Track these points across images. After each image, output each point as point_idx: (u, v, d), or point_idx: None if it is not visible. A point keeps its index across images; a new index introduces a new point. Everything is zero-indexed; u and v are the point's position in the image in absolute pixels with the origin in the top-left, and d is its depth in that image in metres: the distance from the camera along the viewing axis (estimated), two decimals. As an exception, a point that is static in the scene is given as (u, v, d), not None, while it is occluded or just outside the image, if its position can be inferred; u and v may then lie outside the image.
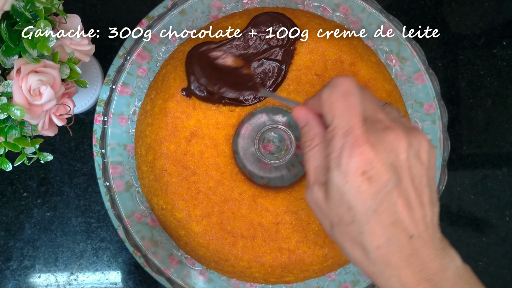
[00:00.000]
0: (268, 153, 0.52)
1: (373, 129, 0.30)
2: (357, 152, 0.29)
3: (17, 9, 0.34)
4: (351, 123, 0.30)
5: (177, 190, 0.44)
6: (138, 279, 0.54)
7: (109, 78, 0.53)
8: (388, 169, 0.29)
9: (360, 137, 0.29)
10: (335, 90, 0.31)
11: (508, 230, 0.56)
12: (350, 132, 0.29)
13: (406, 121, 0.33)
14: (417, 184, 0.30)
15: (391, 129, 0.30)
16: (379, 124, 0.30)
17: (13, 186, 0.54)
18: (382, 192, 0.29)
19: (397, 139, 0.30)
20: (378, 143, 0.29)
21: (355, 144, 0.29)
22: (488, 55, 0.57)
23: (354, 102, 0.30)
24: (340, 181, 0.29)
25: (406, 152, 0.30)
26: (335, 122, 0.30)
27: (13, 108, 0.34)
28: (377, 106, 0.32)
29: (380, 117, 0.31)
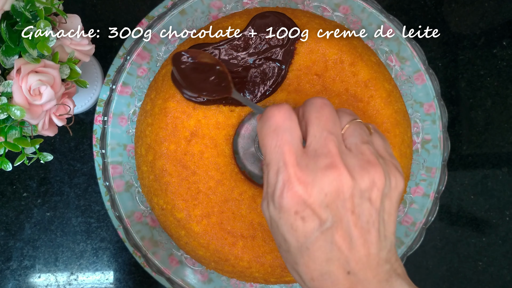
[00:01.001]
0: (268, 153, 0.52)
1: (312, 166, 0.28)
2: (289, 194, 0.27)
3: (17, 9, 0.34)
4: (282, 161, 0.28)
5: (177, 190, 0.44)
6: (138, 279, 0.54)
7: (109, 78, 0.53)
8: (323, 210, 0.27)
9: (291, 177, 0.27)
10: (265, 125, 0.29)
11: (508, 230, 0.56)
12: (282, 170, 0.28)
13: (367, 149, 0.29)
14: (363, 223, 0.28)
15: (334, 167, 0.27)
16: (323, 159, 0.28)
17: (13, 186, 0.54)
18: (316, 231, 0.28)
19: (338, 179, 0.27)
20: (313, 185, 0.27)
21: (287, 184, 0.27)
22: (488, 55, 0.57)
23: (285, 138, 0.28)
24: (275, 215, 0.29)
25: (349, 192, 0.27)
26: (268, 158, 0.29)
27: (13, 108, 0.34)
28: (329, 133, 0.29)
29: (328, 148, 0.28)
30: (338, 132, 0.30)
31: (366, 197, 0.28)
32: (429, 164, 0.48)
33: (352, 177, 0.28)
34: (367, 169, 0.28)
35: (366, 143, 0.30)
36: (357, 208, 0.28)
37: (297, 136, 0.29)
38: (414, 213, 0.48)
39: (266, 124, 0.29)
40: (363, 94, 0.45)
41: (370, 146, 0.29)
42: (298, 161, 0.28)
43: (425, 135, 0.49)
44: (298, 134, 0.29)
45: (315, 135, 0.29)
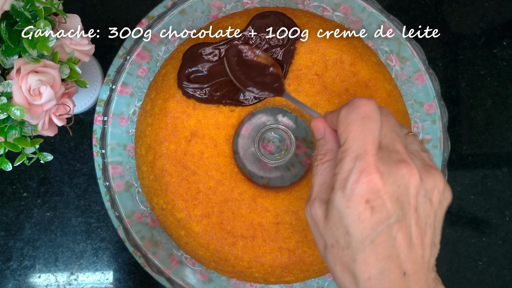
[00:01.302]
0: (268, 153, 0.52)
1: (387, 159, 0.29)
2: (365, 180, 0.28)
3: (17, 9, 0.34)
4: (364, 148, 0.29)
5: (177, 190, 0.44)
6: (138, 279, 0.54)
7: (109, 78, 0.53)
8: (393, 203, 0.28)
9: (370, 165, 0.28)
10: (354, 111, 0.30)
11: (508, 230, 0.56)
12: (362, 157, 0.28)
13: (426, 156, 0.32)
14: (422, 223, 0.29)
15: (406, 163, 0.29)
16: (395, 155, 0.29)
17: (13, 186, 0.54)
18: (383, 224, 0.28)
19: (409, 174, 0.29)
20: (389, 175, 0.28)
21: (364, 171, 0.28)
22: (488, 55, 0.57)
23: (371, 128, 0.29)
24: (342, 204, 0.29)
25: (416, 189, 0.29)
26: (348, 143, 0.29)
27: (13, 108, 0.34)
28: (397, 135, 0.31)
29: (397, 147, 0.30)
30: (402, 136, 0.32)
31: (428, 198, 0.30)
32: (429, 164, 0.48)
33: (419, 177, 0.29)
34: (431, 172, 0.30)
35: (424, 151, 0.32)
36: (419, 207, 0.29)
37: (379, 129, 0.30)
38: (414, 213, 0.48)
39: (355, 111, 0.30)
40: (363, 94, 0.45)
41: (429, 155, 0.32)
42: (376, 151, 0.29)
43: (425, 135, 0.49)
44: (380, 128, 0.30)
45: (385, 134, 0.30)
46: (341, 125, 0.30)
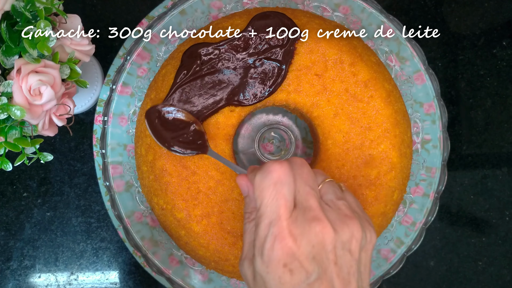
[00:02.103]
0: (268, 153, 0.52)
1: (301, 219, 0.30)
2: (279, 246, 0.29)
3: (17, 9, 0.34)
4: (277, 214, 0.29)
5: (177, 190, 0.44)
6: (138, 279, 0.55)
7: (109, 78, 0.53)
8: (310, 262, 0.29)
9: (283, 230, 0.29)
10: (267, 177, 0.31)
11: (508, 230, 0.56)
12: (275, 223, 0.29)
13: (342, 204, 0.32)
14: (345, 274, 0.30)
15: (318, 220, 0.29)
16: (308, 213, 0.30)
17: (13, 186, 0.54)
18: (303, 283, 0.29)
19: (323, 231, 0.29)
20: (302, 236, 0.29)
21: (278, 237, 0.29)
22: (488, 55, 0.57)
23: (284, 192, 0.30)
24: (262, 270, 0.29)
25: (332, 244, 0.29)
26: (262, 209, 0.30)
27: (13, 108, 0.34)
28: (311, 189, 0.31)
29: (311, 203, 0.30)
30: (316, 188, 0.32)
31: (347, 249, 0.30)
32: (429, 164, 0.48)
33: (334, 230, 0.29)
34: (346, 223, 0.30)
35: (341, 199, 0.32)
36: (339, 259, 0.30)
37: (293, 191, 0.31)
38: (414, 213, 0.48)
39: (267, 177, 0.31)
40: (363, 94, 0.45)
41: (345, 202, 0.32)
42: (290, 214, 0.30)
43: (425, 135, 0.49)
44: (293, 190, 0.31)
45: (298, 190, 0.31)
46: (256, 190, 0.31)
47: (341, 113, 0.45)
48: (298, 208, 0.30)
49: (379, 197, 0.45)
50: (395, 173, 0.45)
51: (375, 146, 0.45)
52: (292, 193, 0.30)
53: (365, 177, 0.45)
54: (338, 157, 0.45)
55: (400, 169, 0.46)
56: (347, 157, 0.45)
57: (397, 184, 0.46)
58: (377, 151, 0.45)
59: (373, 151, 0.45)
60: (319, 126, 0.46)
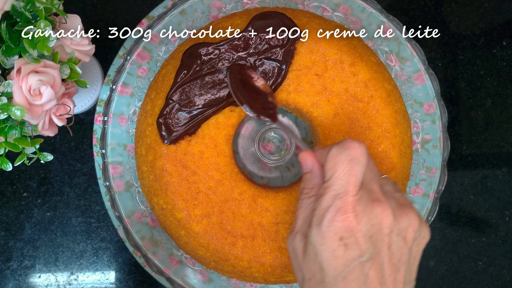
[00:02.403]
0: (268, 153, 0.52)
1: (365, 198, 0.31)
2: (340, 218, 0.29)
3: (17, 9, 0.34)
4: (345, 189, 0.30)
5: (177, 190, 0.44)
6: (138, 279, 0.55)
7: (109, 78, 0.53)
8: (366, 241, 0.29)
9: (348, 204, 0.30)
10: (344, 152, 0.31)
11: (508, 230, 0.56)
12: (341, 197, 0.30)
13: (400, 196, 0.33)
14: (395, 261, 0.30)
15: (379, 202, 0.30)
16: (371, 194, 0.31)
17: (13, 186, 0.54)
18: (355, 261, 0.29)
19: (383, 213, 0.30)
20: (363, 214, 0.30)
21: (341, 210, 0.30)
22: (488, 55, 0.57)
23: (357, 171, 0.31)
24: (317, 241, 0.30)
25: (389, 228, 0.30)
26: (332, 181, 0.31)
27: (13, 108, 0.34)
28: (374, 176, 0.33)
29: (373, 187, 0.32)
30: (378, 178, 0.33)
31: (402, 236, 0.31)
32: (429, 164, 0.48)
33: (393, 215, 0.30)
34: (405, 211, 0.31)
35: (399, 191, 0.34)
36: (393, 244, 0.30)
37: (364, 172, 0.31)
38: (414, 213, 0.48)
39: (345, 151, 0.31)
40: (363, 94, 0.45)
41: (403, 195, 0.33)
42: (356, 192, 0.30)
43: (425, 135, 0.49)
44: (365, 171, 0.32)
45: (366, 174, 0.32)
46: (329, 162, 0.32)
47: (341, 113, 0.45)
48: (363, 188, 0.31)
49: (379, 197, 0.45)
50: (395, 173, 0.45)
51: (375, 146, 0.45)
52: (363, 174, 0.31)
53: (365, 177, 0.45)
54: (338, 157, 0.45)
55: (400, 169, 0.46)
56: (347, 157, 0.45)
57: (397, 184, 0.46)
58: (377, 151, 0.45)
59: (373, 151, 0.45)
60: (319, 126, 0.46)
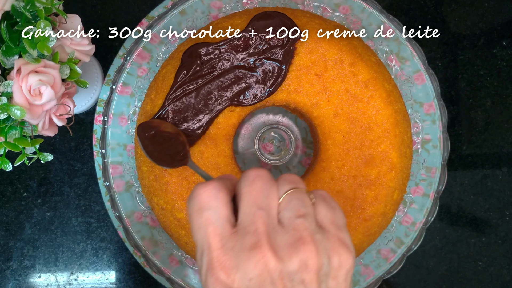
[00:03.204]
0: (268, 153, 0.52)
1: (238, 247, 0.25)
2: (211, 280, 0.25)
3: (17, 9, 0.34)
4: (206, 243, 0.26)
5: (177, 190, 0.44)
6: (138, 279, 0.55)
7: (109, 78, 0.53)
8: None
9: (214, 261, 0.25)
10: (191, 202, 0.27)
11: (508, 230, 0.56)
12: (206, 254, 0.26)
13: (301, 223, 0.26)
14: None
15: (258, 249, 0.25)
16: (249, 238, 0.25)
17: (13, 186, 0.54)
18: None
19: (262, 261, 0.24)
20: (236, 269, 0.25)
21: (209, 269, 0.25)
22: (488, 55, 0.57)
23: (209, 219, 0.26)
24: None
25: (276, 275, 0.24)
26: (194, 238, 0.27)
27: (13, 108, 0.34)
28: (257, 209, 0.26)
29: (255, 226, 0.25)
30: (269, 207, 0.27)
31: (298, 281, 0.25)
32: (429, 164, 0.48)
33: (278, 259, 0.25)
34: (297, 248, 0.25)
35: (301, 216, 0.26)
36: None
37: (224, 215, 0.26)
38: (414, 213, 0.48)
39: (191, 202, 0.27)
40: (363, 94, 0.45)
41: (305, 220, 0.26)
42: (224, 242, 0.26)
43: (425, 135, 0.49)
44: (225, 214, 0.26)
45: (244, 211, 0.26)
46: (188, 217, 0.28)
47: (341, 113, 0.45)
48: (239, 233, 0.26)
49: (379, 197, 0.45)
50: (395, 173, 0.45)
51: (375, 146, 0.45)
52: (223, 217, 0.26)
53: (365, 177, 0.45)
54: (338, 157, 0.45)
55: (400, 169, 0.46)
56: (347, 157, 0.45)
57: (397, 184, 0.46)
58: (377, 151, 0.45)
59: (373, 151, 0.45)
60: (319, 126, 0.46)
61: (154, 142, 0.42)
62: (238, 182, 0.28)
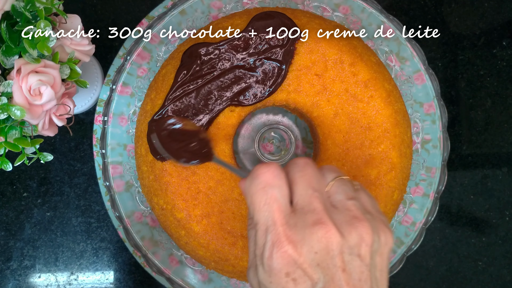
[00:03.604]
0: (268, 153, 0.52)
1: (300, 224, 0.27)
2: (278, 254, 0.27)
3: (17, 9, 0.34)
4: (272, 219, 0.27)
5: (177, 190, 0.44)
6: (138, 279, 0.55)
7: (109, 78, 0.53)
8: (314, 270, 0.27)
9: (281, 236, 0.27)
10: (254, 182, 0.29)
11: (508, 230, 0.56)
12: (271, 230, 0.27)
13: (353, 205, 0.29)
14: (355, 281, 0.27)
15: (321, 224, 0.27)
16: (310, 216, 0.28)
17: (13, 186, 0.54)
18: None
19: (327, 235, 0.27)
20: (303, 243, 0.27)
21: (276, 244, 0.27)
22: (488, 55, 0.57)
23: (275, 196, 0.28)
24: (265, 280, 0.28)
25: (338, 249, 0.27)
26: (256, 216, 0.28)
27: (13, 108, 0.34)
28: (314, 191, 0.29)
29: (314, 206, 0.28)
30: (322, 190, 0.29)
31: (356, 254, 0.28)
32: (429, 164, 0.48)
33: (340, 233, 0.27)
34: (354, 225, 0.28)
35: (352, 199, 0.29)
36: (348, 265, 0.27)
37: (286, 194, 0.29)
38: (414, 213, 0.48)
39: (254, 181, 0.29)
40: (363, 94, 0.45)
41: (356, 202, 0.29)
42: (287, 219, 0.28)
43: (425, 135, 0.49)
44: (287, 193, 0.29)
45: (300, 193, 0.29)
46: (246, 197, 0.29)
47: (341, 113, 0.45)
48: (298, 212, 0.28)
49: (379, 197, 0.45)
50: (395, 173, 0.45)
51: (375, 146, 0.45)
52: (285, 196, 0.28)
53: (365, 177, 0.45)
54: (338, 157, 0.45)
55: (400, 169, 0.46)
56: (347, 157, 0.45)
57: (397, 184, 0.46)
58: (377, 151, 0.45)
59: (373, 151, 0.45)
60: (319, 126, 0.46)
61: (172, 139, 0.42)
62: (289, 168, 0.30)
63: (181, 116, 0.43)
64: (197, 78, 0.44)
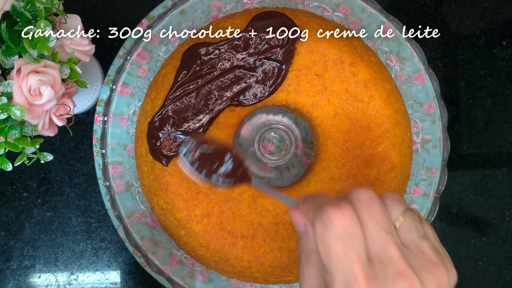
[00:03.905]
0: (268, 153, 0.52)
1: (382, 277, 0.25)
2: None
3: (17, 9, 0.34)
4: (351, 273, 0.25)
5: (177, 190, 0.44)
6: (138, 279, 0.55)
7: (109, 78, 0.53)
8: None
9: None
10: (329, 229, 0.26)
11: (508, 230, 0.56)
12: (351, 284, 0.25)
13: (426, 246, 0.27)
14: None
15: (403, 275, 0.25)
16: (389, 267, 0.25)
17: (13, 186, 0.54)
18: None
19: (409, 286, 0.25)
20: None
21: None
22: (488, 55, 0.57)
23: (355, 246, 0.26)
24: None
25: None
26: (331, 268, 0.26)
27: (13, 108, 0.34)
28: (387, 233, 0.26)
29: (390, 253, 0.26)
30: (393, 230, 0.27)
31: None
32: (429, 164, 0.48)
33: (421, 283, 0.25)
34: (432, 272, 0.26)
35: (424, 238, 0.27)
36: None
37: (363, 243, 0.26)
38: (414, 213, 0.48)
39: (329, 229, 0.26)
40: (363, 94, 0.45)
41: (429, 243, 0.27)
42: (367, 272, 0.25)
43: (425, 135, 0.49)
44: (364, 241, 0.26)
45: (373, 238, 0.26)
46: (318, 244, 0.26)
47: (341, 113, 0.45)
48: (376, 262, 0.26)
49: (379, 197, 0.45)
50: (395, 173, 0.45)
51: (375, 146, 0.45)
52: (363, 244, 0.26)
53: (365, 177, 0.45)
54: (338, 157, 0.45)
55: (400, 169, 0.46)
56: (347, 157, 0.45)
57: (397, 184, 0.46)
58: (377, 151, 0.45)
59: (373, 151, 0.45)
60: (319, 126, 0.46)
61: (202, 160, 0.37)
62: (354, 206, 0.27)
63: (200, 135, 0.39)
64: (197, 78, 0.44)
